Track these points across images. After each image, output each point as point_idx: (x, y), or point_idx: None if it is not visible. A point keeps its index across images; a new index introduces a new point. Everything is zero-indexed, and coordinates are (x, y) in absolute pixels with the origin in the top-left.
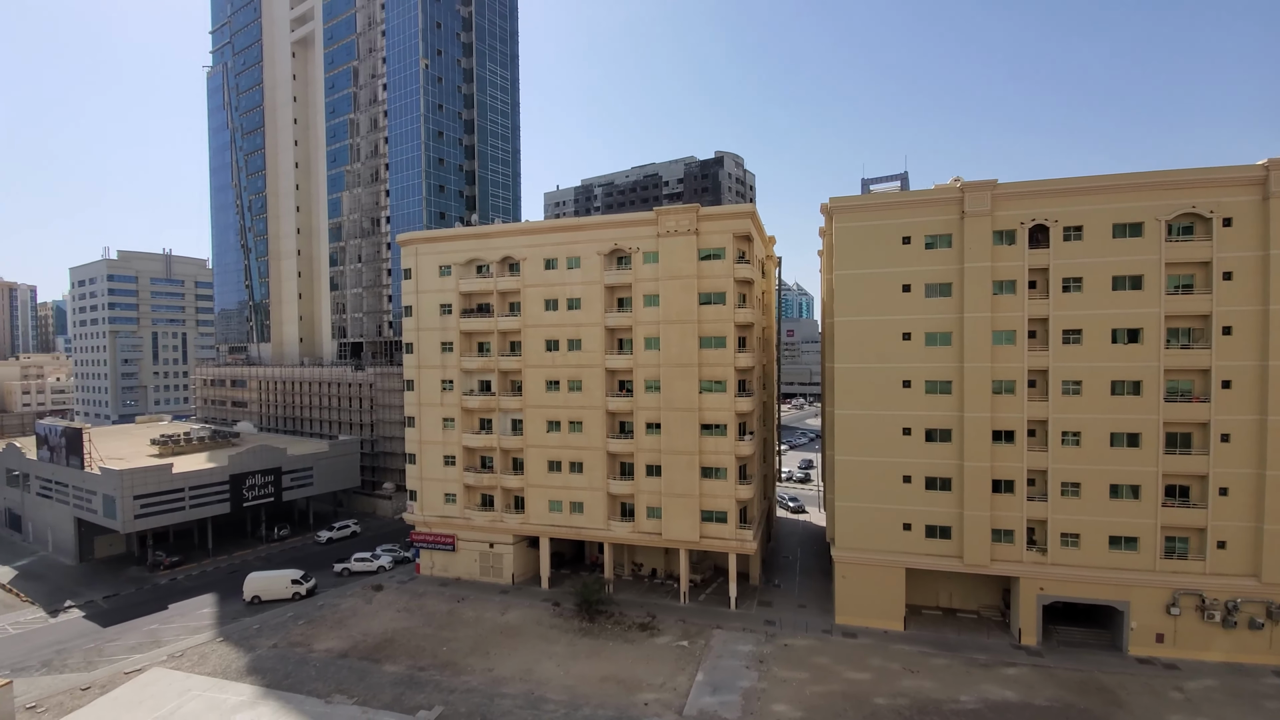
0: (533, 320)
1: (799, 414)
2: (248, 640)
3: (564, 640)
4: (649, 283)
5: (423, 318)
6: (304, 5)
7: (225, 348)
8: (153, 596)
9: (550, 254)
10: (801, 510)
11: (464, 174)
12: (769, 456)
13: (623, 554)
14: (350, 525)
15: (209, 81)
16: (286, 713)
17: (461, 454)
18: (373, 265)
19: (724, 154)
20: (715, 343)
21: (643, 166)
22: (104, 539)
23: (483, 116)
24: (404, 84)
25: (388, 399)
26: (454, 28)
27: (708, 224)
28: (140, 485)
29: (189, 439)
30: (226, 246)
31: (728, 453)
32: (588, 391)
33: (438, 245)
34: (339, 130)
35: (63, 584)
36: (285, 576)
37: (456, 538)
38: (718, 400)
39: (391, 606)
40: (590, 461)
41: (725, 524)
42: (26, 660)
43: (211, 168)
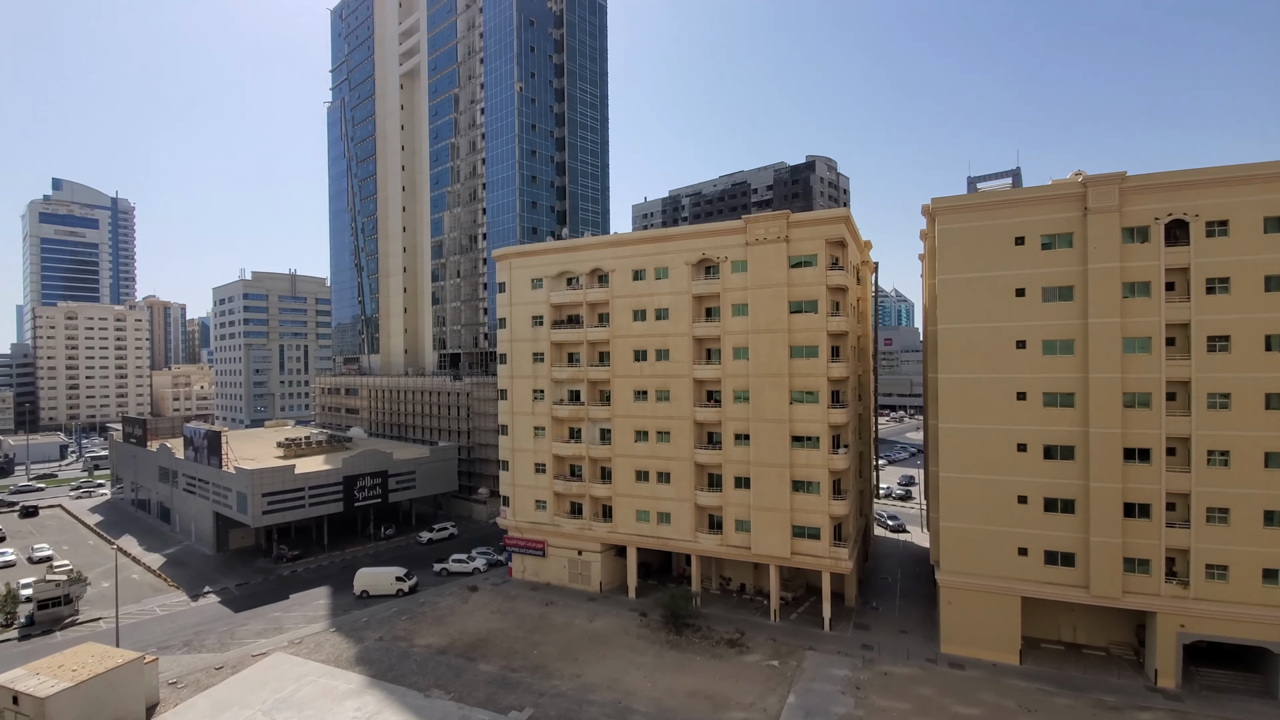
0: (621, 331)
1: (898, 427)
2: (357, 632)
3: (651, 651)
4: (737, 292)
5: (516, 329)
6: (411, 40)
7: (340, 358)
8: (276, 586)
9: (638, 265)
10: (902, 529)
11: (555, 190)
12: (865, 471)
13: (710, 567)
14: (449, 527)
15: (329, 115)
16: (390, 704)
17: (551, 462)
18: (470, 280)
19: (815, 158)
20: (807, 352)
21: (730, 175)
22: (237, 532)
23: (573, 134)
24: (500, 107)
25: (483, 407)
26: (546, 50)
27: (798, 230)
28: (268, 484)
29: (309, 442)
30: (342, 265)
31: (820, 466)
32: (675, 401)
33: (530, 259)
34: (441, 154)
35: (203, 571)
36: (391, 574)
37: (547, 544)
38: (809, 411)
39: (486, 607)
40: (678, 472)
41: (818, 540)
42: (171, 639)
43: (330, 194)
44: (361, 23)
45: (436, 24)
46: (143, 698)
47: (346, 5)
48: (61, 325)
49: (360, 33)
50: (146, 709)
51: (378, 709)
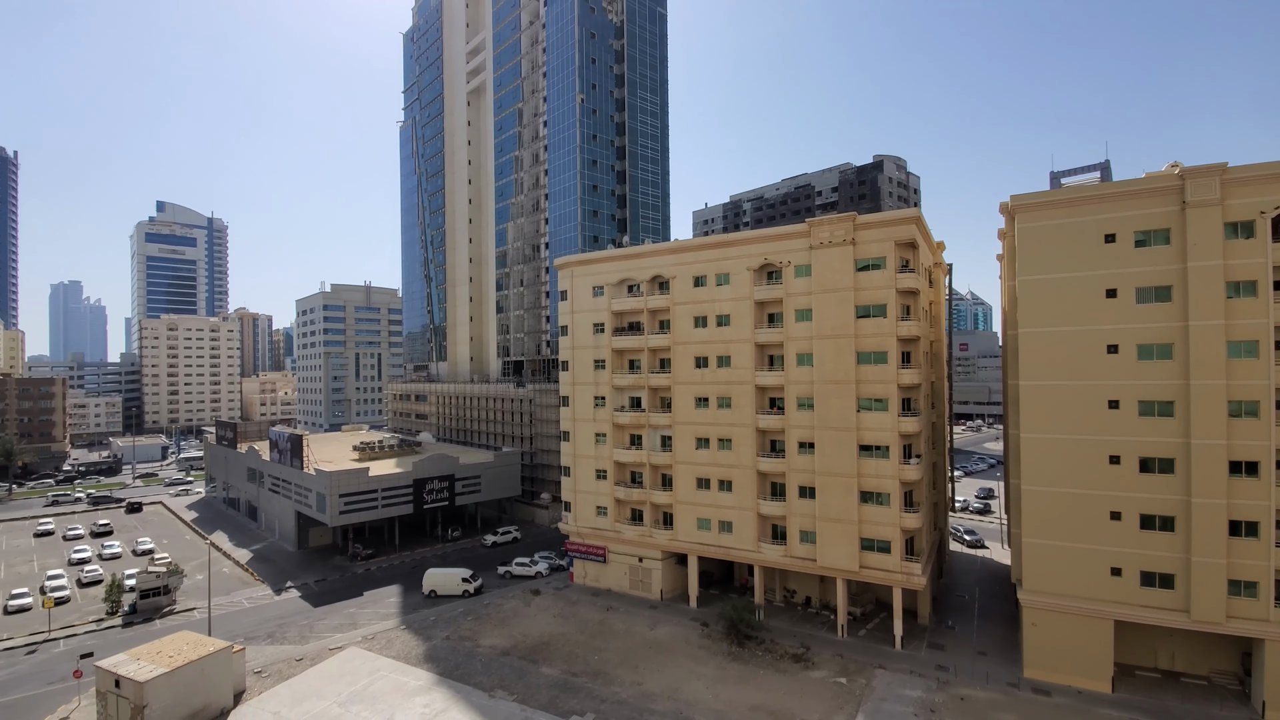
0: (682, 337)
1: (976, 437)
2: (425, 630)
3: (713, 663)
4: (801, 297)
5: (577, 336)
6: (477, 59)
7: (411, 366)
8: (351, 583)
9: (699, 271)
10: (980, 545)
11: (616, 198)
12: (939, 483)
13: (774, 578)
14: (512, 531)
15: (401, 134)
16: (456, 702)
17: (612, 468)
18: (533, 289)
19: (883, 158)
20: (875, 358)
21: (794, 178)
22: (317, 530)
23: (633, 142)
24: (561, 119)
25: (545, 414)
26: (607, 61)
27: (865, 232)
28: (344, 485)
29: (382, 446)
30: (413, 277)
31: (890, 477)
32: (737, 408)
33: (591, 267)
34: (505, 167)
35: (285, 567)
36: (457, 575)
37: (608, 550)
38: (878, 420)
39: (548, 611)
40: (740, 480)
41: (888, 554)
42: (256, 631)
43: (402, 208)
44: (431, 44)
45: (501, 41)
46: (231, 685)
47: (418, 29)
48: (164, 336)
49: (430, 54)
50: (234, 695)
51: (444, 706)
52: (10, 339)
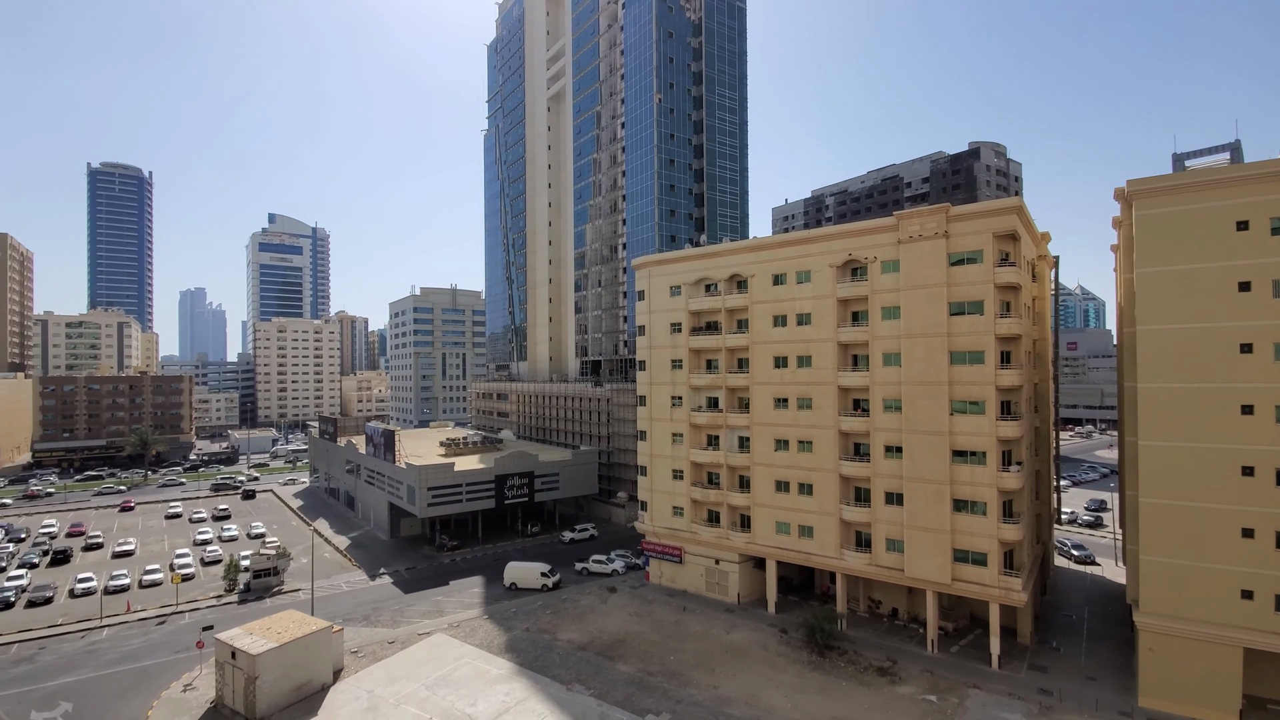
0: (760, 337)
1: (1086, 444)
2: (506, 621)
3: (792, 670)
4: (889, 294)
5: (654, 336)
6: (557, 65)
7: (493, 365)
8: (438, 572)
9: (778, 269)
10: (1090, 560)
11: (693, 197)
12: (1044, 493)
13: (858, 587)
14: (589, 528)
15: (485, 142)
16: (535, 692)
17: (689, 469)
18: (610, 289)
19: (980, 144)
20: (970, 358)
21: (880, 170)
22: (407, 521)
23: (711, 140)
24: (639, 120)
25: (622, 413)
26: (685, 60)
27: (960, 225)
28: (432, 479)
29: (466, 443)
30: (495, 279)
31: (987, 485)
32: (818, 410)
33: (668, 267)
34: (584, 170)
35: (379, 554)
36: (536, 569)
37: (684, 550)
38: (973, 423)
39: (624, 609)
40: (821, 484)
41: (984, 567)
42: (352, 613)
43: (485, 213)
44: (514, 54)
45: (580, 46)
46: (330, 662)
47: (501, 39)
48: (274, 337)
49: (512, 63)
50: (334, 672)
51: (524, 696)
52: (147, 341)
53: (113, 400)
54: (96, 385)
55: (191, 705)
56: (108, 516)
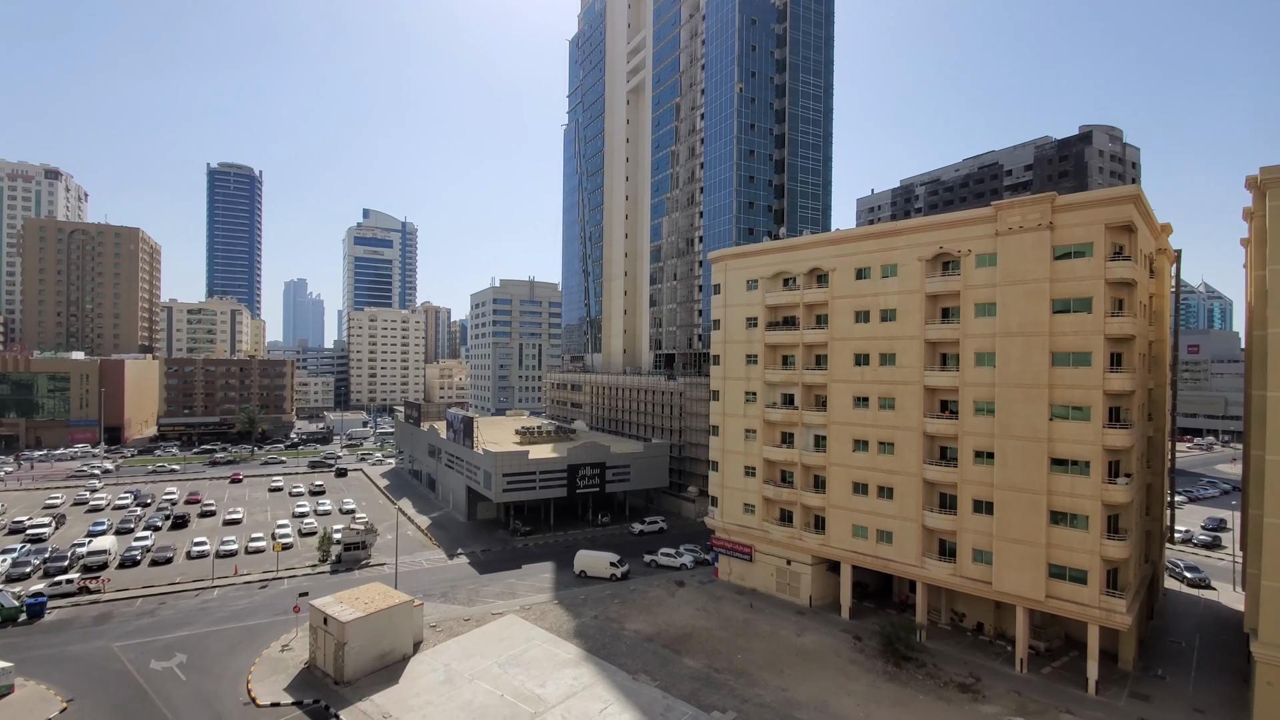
0: (840, 333)
1: (1206, 456)
2: (575, 607)
3: (865, 679)
4: (982, 289)
5: (729, 331)
6: (637, 57)
7: (568, 356)
8: (511, 556)
9: (862, 263)
10: (1204, 584)
11: (773, 189)
12: (1154, 508)
13: (939, 598)
14: (659, 521)
15: (564, 136)
16: (602, 679)
17: (762, 466)
18: (686, 282)
19: (1092, 128)
20: (1075, 359)
21: (977, 157)
22: (484, 505)
23: (793, 129)
24: (719, 110)
25: (694, 407)
26: (768, 47)
27: (1067, 215)
28: (507, 466)
29: (540, 432)
30: (572, 272)
31: (1090, 497)
32: (901, 410)
33: (745, 260)
34: (662, 162)
35: (457, 535)
36: (605, 558)
37: (754, 548)
38: (1076, 430)
39: (691, 604)
40: (902, 488)
41: (1084, 585)
42: (432, 589)
43: (564, 206)
44: (595, 48)
45: (661, 38)
46: (411, 634)
47: (582, 34)
48: (366, 326)
49: (593, 57)
50: (414, 644)
51: (591, 681)
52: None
53: (225, 381)
54: (212, 367)
55: (288, 664)
56: (220, 487)
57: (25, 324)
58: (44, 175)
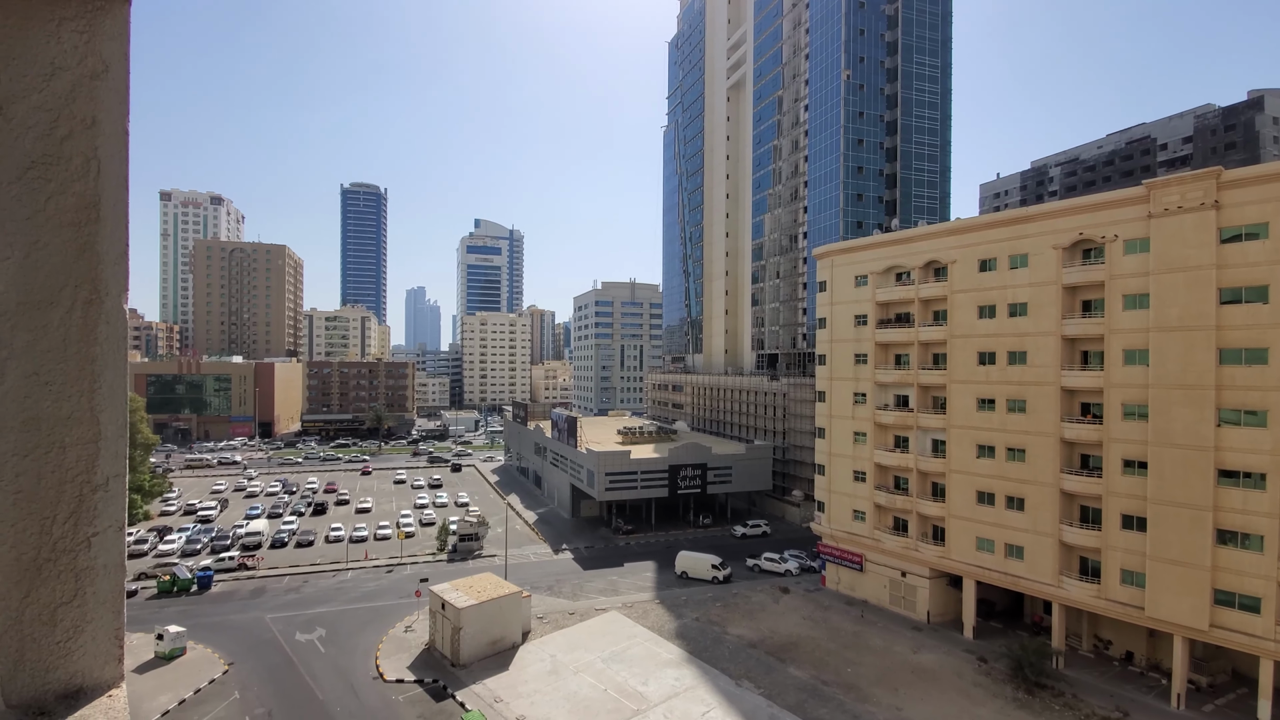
0: (961, 329)
1: None
2: (676, 608)
3: (992, 705)
4: (1133, 279)
5: (836, 329)
6: (738, 53)
7: (669, 357)
8: (614, 554)
9: (986, 253)
10: None
11: (884, 178)
12: None
13: (1080, 622)
14: (762, 525)
15: (664, 138)
16: (704, 682)
17: (872, 471)
18: (789, 280)
19: (1264, 92)
20: (1249, 356)
21: (1124, 131)
22: (587, 503)
23: (906, 114)
24: (825, 100)
25: (799, 409)
26: (878, 29)
27: (1236, 192)
28: (609, 465)
29: (642, 432)
30: (672, 272)
31: (1266, 514)
32: (1033, 414)
33: (853, 255)
34: (764, 158)
35: (561, 531)
36: (707, 560)
37: (864, 558)
38: (1250, 437)
39: (797, 612)
40: (1034, 498)
41: (1256, 615)
42: (539, 582)
43: (664, 207)
44: (694, 47)
45: (762, 31)
46: (520, 624)
47: (681, 34)
48: (477, 330)
49: (692, 57)
50: (523, 634)
51: (693, 684)
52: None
53: (356, 381)
54: (346, 369)
55: (411, 644)
56: (352, 478)
57: (195, 331)
58: (209, 201)
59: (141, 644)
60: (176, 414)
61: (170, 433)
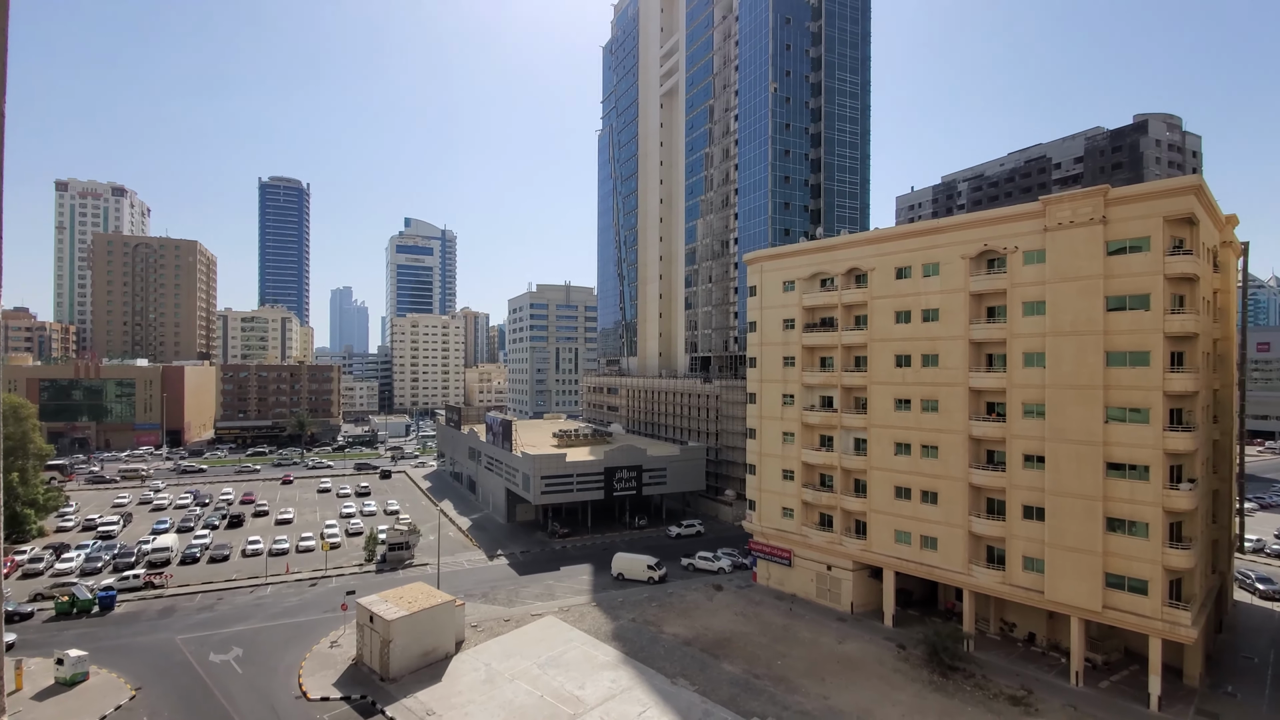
0: (880, 334)
1: (1278, 460)
2: (613, 610)
3: (910, 689)
4: (1031, 287)
5: (765, 333)
6: (670, 61)
7: (604, 360)
8: (550, 558)
9: (902, 262)
10: (1278, 596)
11: (809, 188)
12: (1222, 515)
13: (988, 606)
14: (696, 525)
15: (599, 142)
16: (640, 682)
17: (800, 469)
18: (721, 284)
19: (1148, 117)
20: (1132, 359)
21: (1023, 150)
22: (523, 507)
23: (830, 128)
24: (753, 111)
25: (731, 410)
26: (803, 45)
27: (1122, 208)
28: (545, 469)
29: (577, 435)
30: (607, 275)
31: (1150, 503)
32: (945, 413)
33: (781, 261)
34: (695, 165)
35: (496, 537)
36: (643, 561)
37: (793, 553)
38: (1134, 433)
39: (730, 608)
40: (946, 492)
41: (1144, 596)
42: (473, 590)
43: (599, 211)
44: (628, 53)
45: (694, 40)
46: (453, 633)
47: (615, 40)
48: (408, 332)
49: (627, 63)
50: (456, 643)
51: (630, 685)
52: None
53: (276, 386)
54: (265, 373)
55: (337, 660)
56: (272, 488)
57: (95, 333)
58: (111, 193)
59: (40, 670)
60: (74, 422)
61: (67, 443)
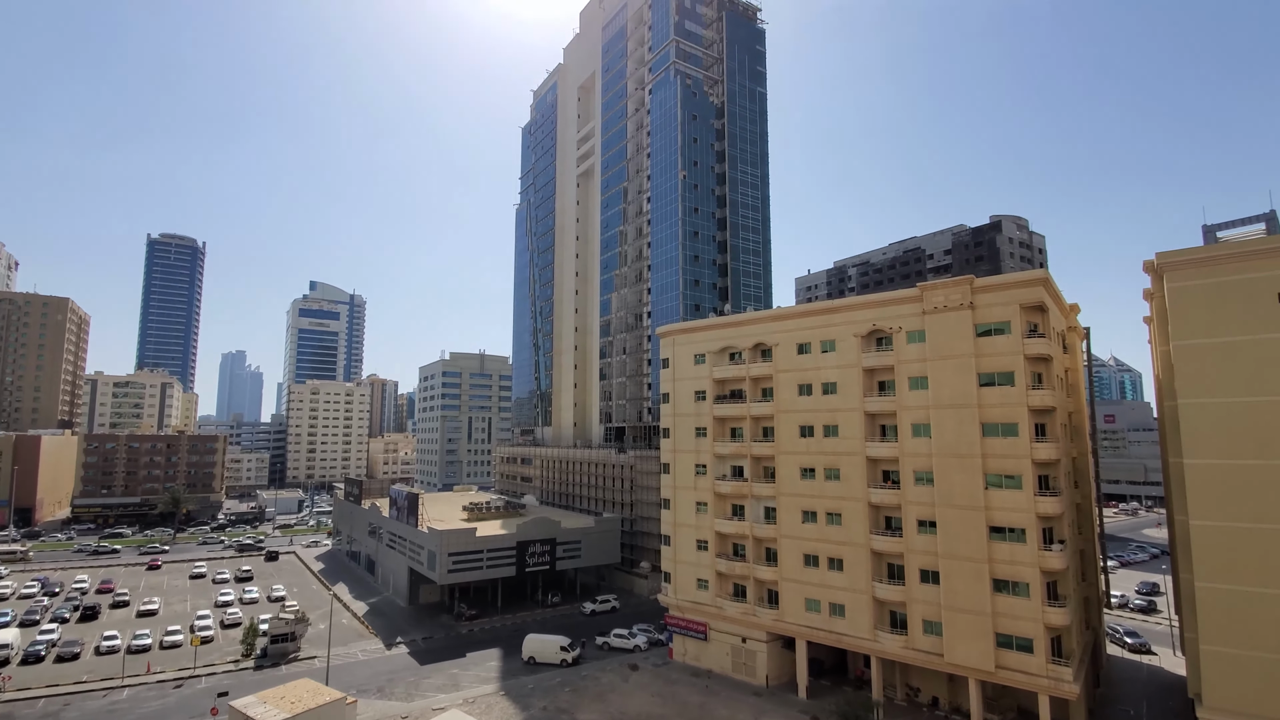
0: (785, 405)
1: (1131, 521)
2: (524, 698)
3: None
4: (915, 364)
5: (678, 404)
6: (587, 145)
7: (518, 430)
8: (455, 643)
9: (803, 338)
10: (1145, 649)
11: (717, 268)
12: (1089, 574)
13: (894, 673)
14: (610, 600)
15: (516, 215)
16: None
17: (714, 539)
18: (635, 356)
19: (1001, 218)
20: (1004, 430)
21: (902, 241)
22: (427, 587)
23: (734, 213)
24: (665, 194)
25: (645, 480)
26: (708, 140)
27: (986, 296)
28: (453, 544)
29: (489, 507)
30: (522, 345)
31: (1029, 564)
32: (846, 481)
33: (693, 335)
34: (611, 241)
35: (396, 622)
36: (556, 642)
37: (709, 626)
38: (1011, 498)
39: (646, 689)
40: (851, 559)
41: (1030, 654)
42: (368, 684)
43: (515, 282)
44: (546, 135)
45: (609, 128)
46: None
47: (535, 122)
48: (307, 399)
49: (545, 143)
50: None
51: None
52: (187, 401)
53: (150, 458)
54: (136, 443)
55: None
56: (135, 574)
57: None
58: None
59: None
60: None
61: None
